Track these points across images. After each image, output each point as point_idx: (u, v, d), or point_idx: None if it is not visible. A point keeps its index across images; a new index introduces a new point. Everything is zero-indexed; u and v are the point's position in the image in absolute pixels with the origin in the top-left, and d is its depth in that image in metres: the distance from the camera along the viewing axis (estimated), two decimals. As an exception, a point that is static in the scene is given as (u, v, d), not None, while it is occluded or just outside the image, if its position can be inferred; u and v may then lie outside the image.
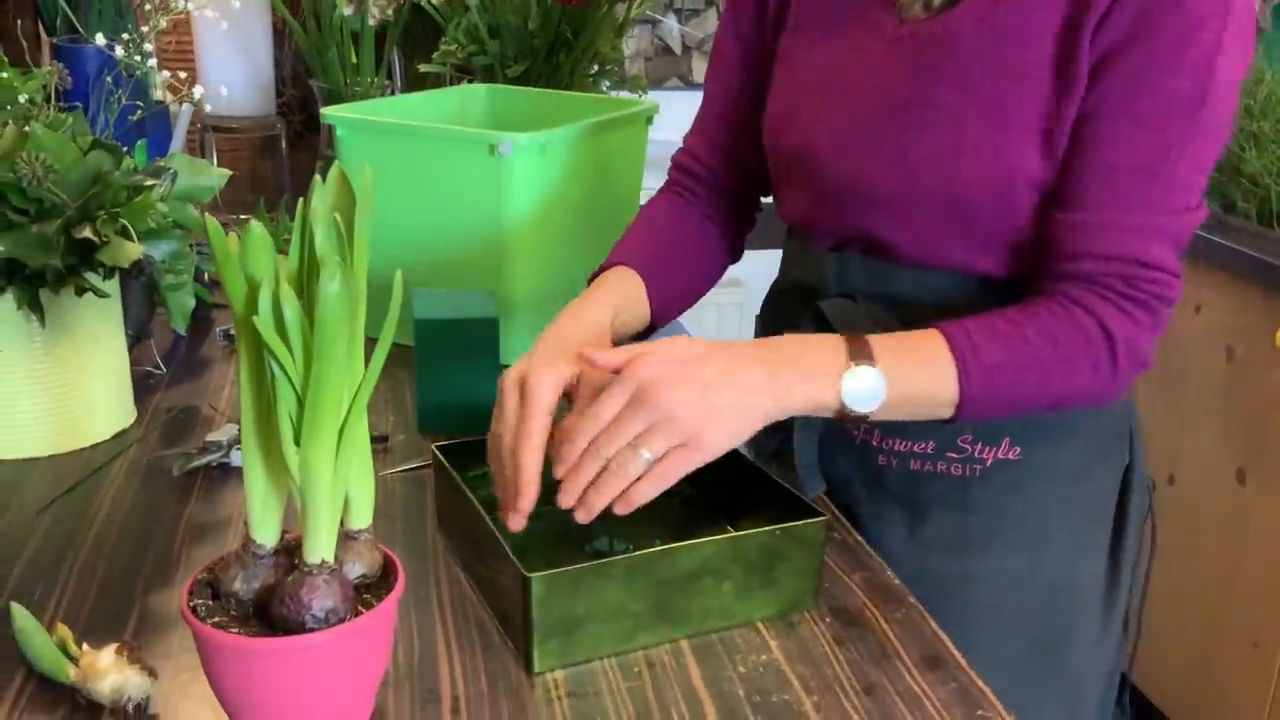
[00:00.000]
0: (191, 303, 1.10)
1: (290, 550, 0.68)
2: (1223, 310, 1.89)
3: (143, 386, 1.17)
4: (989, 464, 0.97)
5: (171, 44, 1.73)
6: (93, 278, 0.97)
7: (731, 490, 0.92)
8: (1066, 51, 0.84)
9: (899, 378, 0.82)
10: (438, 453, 0.89)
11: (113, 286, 1.03)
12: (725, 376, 0.79)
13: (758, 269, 1.52)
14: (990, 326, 0.85)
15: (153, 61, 1.20)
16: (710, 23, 2.92)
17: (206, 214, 0.62)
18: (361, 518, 0.69)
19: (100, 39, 1.18)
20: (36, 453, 1.02)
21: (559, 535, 0.91)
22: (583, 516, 0.78)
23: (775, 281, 1.13)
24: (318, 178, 0.63)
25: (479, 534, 0.80)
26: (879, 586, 0.86)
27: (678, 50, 2.91)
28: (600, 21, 1.56)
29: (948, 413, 0.85)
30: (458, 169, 1.20)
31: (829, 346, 0.82)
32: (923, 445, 0.98)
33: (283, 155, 1.84)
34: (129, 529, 0.91)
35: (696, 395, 0.77)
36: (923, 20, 0.90)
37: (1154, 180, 0.83)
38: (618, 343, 0.94)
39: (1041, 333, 0.84)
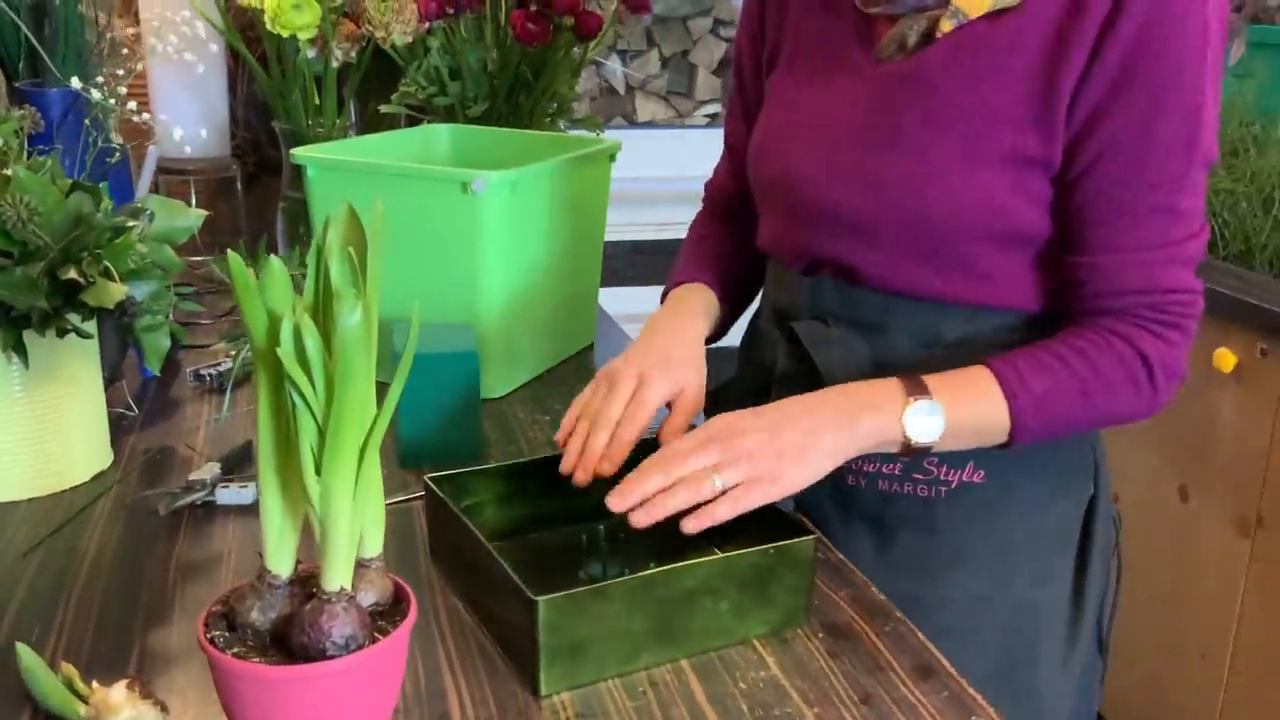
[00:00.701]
0: (167, 344, 1.11)
1: (303, 581, 0.69)
2: (1159, 333, 1.97)
3: (116, 428, 1.16)
4: (954, 486, 1.00)
5: (126, 86, 1.73)
6: (74, 319, 0.97)
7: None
8: (1040, 97, 0.89)
9: (955, 411, 0.89)
10: (431, 484, 0.90)
11: (90, 328, 1.03)
12: (794, 420, 0.87)
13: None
14: (1034, 359, 0.92)
15: (132, 104, 1.21)
16: (652, 64, 2.98)
17: (230, 249, 0.63)
18: (373, 546, 0.70)
19: (76, 82, 1.18)
20: (16, 496, 1.01)
21: (552, 563, 0.93)
22: (642, 519, 0.83)
23: (755, 311, 1.19)
24: (344, 208, 0.65)
25: (481, 561, 0.82)
26: (865, 602, 0.89)
27: (621, 90, 2.96)
28: (559, 62, 1.59)
29: (1003, 439, 0.92)
30: (431, 207, 1.21)
31: (888, 386, 0.90)
32: (891, 466, 1.01)
33: (239, 198, 1.84)
34: (120, 568, 0.91)
35: (768, 436, 0.85)
36: (898, 61, 0.95)
37: (1164, 217, 0.89)
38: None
39: (1083, 361, 0.91)
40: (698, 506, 0.83)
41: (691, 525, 0.83)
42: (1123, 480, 2.08)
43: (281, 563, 0.68)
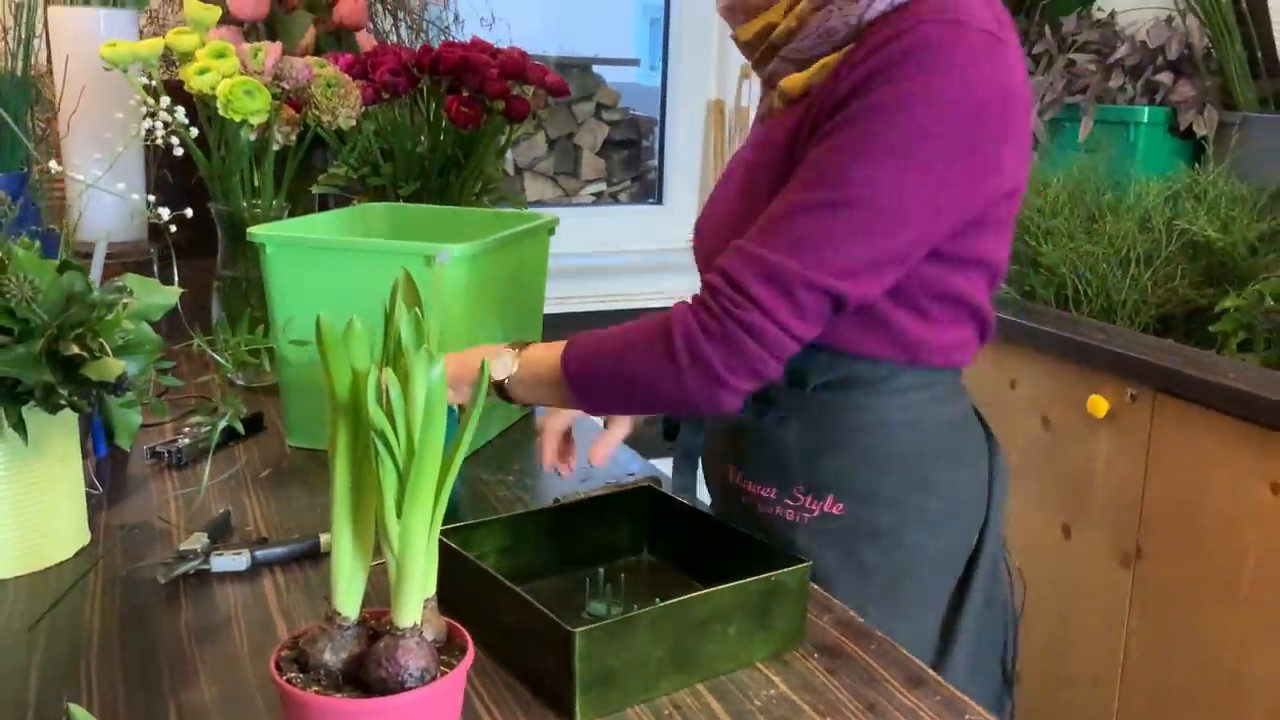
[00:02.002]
0: (138, 420, 1.12)
1: (362, 621, 0.74)
2: (1035, 384, 2.14)
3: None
4: (816, 515, 1.09)
5: (44, 170, 1.73)
6: (68, 394, 0.99)
7: (689, 552, 1.04)
8: (790, 155, 1.01)
9: (527, 363, 1.07)
10: (443, 538, 0.95)
11: (85, 404, 1.05)
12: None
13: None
14: (610, 329, 1.04)
15: (122, 186, 1.23)
16: (538, 146, 3.08)
17: (320, 314, 0.68)
18: (430, 587, 0.75)
19: (55, 165, 1.20)
20: (5, 574, 1.02)
21: (556, 606, 0.99)
22: None
23: None
24: (402, 275, 0.71)
25: (506, 603, 0.87)
26: (848, 625, 0.98)
27: (512, 171, 3.05)
28: (488, 144, 1.67)
29: (564, 389, 1.04)
30: (392, 281, 1.26)
31: (503, 345, 1.10)
32: (769, 490, 1.11)
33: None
34: (131, 636, 0.93)
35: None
36: (764, 127, 1.10)
37: (774, 226, 0.95)
38: None
39: (635, 324, 1.02)
40: None
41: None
42: (1008, 522, 2.23)
43: (350, 605, 0.72)
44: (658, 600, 0.87)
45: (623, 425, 1.21)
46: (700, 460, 1.24)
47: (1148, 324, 2.13)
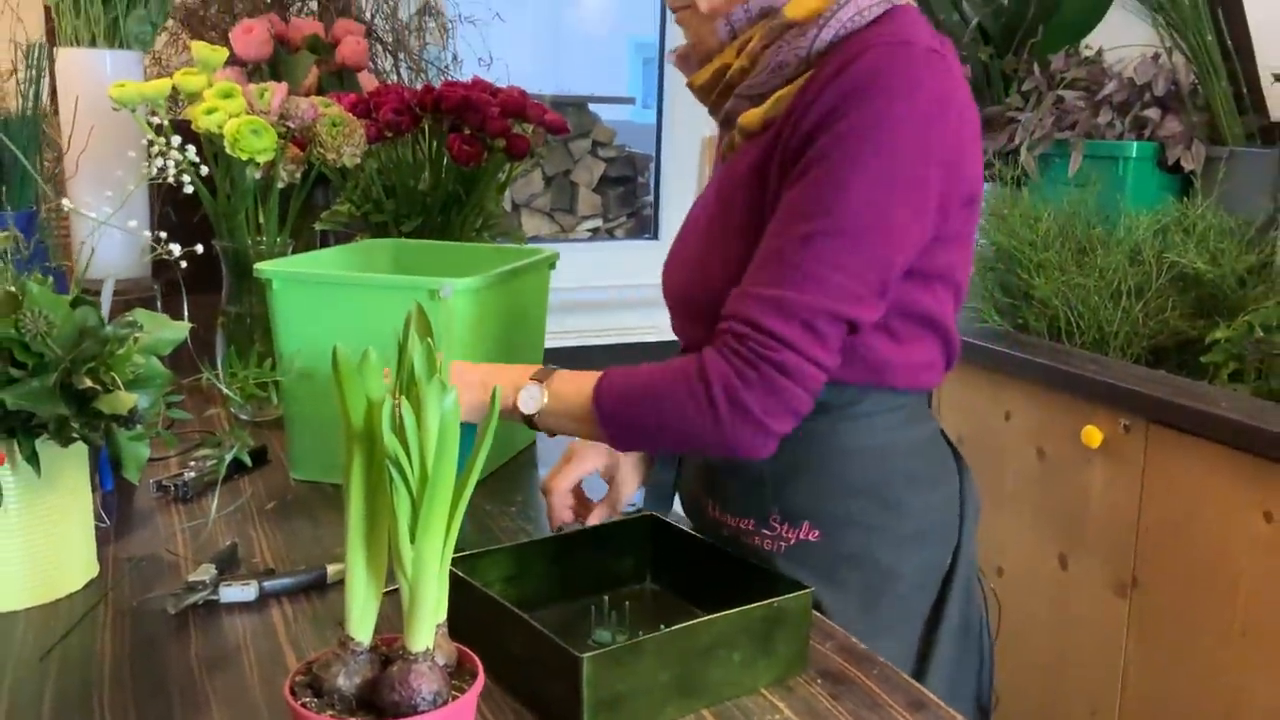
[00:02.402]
0: (146, 453, 1.14)
1: (374, 647, 0.75)
2: (1030, 415, 2.16)
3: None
4: (792, 543, 1.12)
5: (52, 208, 1.75)
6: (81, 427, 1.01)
7: (691, 580, 1.06)
8: (761, 182, 1.04)
9: (555, 396, 1.08)
10: (451, 568, 0.96)
11: (98, 437, 1.06)
12: (465, 374, 1.10)
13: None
14: (639, 367, 1.05)
15: (134, 223, 1.25)
16: (535, 183, 3.12)
17: (336, 345, 0.70)
18: (440, 613, 0.76)
19: (67, 203, 1.22)
20: (18, 605, 1.03)
21: (561, 634, 1.00)
22: None
23: None
24: (414, 308, 0.73)
25: (513, 631, 0.88)
26: (851, 651, 0.99)
27: (509, 208, 3.08)
28: (488, 180, 1.69)
29: (593, 426, 1.06)
30: (398, 315, 1.28)
31: (524, 371, 1.10)
32: (746, 521, 1.14)
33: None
34: (141, 667, 0.94)
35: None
36: (724, 167, 1.15)
37: (775, 261, 0.98)
38: None
39: (666, 371, 1.03)
40: None
41: None
42: (1004, 552, 2.25)
43: (364, 631, 0.73)
44: (662, 627, 0.89)
45: (630, 488, 1.23)
46: (680, 499, 1.27)
47: (1140, 355, 2.15)
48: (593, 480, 1.23)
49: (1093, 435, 1.99)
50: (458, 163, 1.61)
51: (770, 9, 1.05)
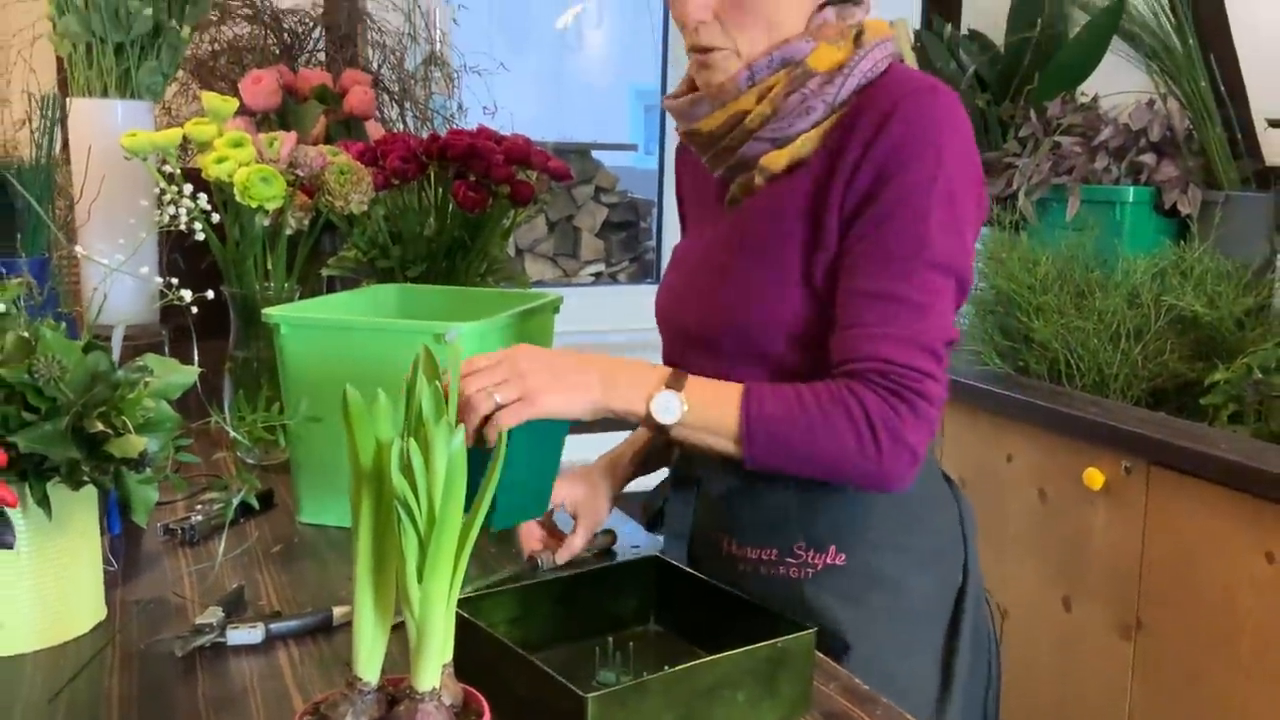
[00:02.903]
0: (155, 497, 1.15)
1: (381, 687, 0.76)
2: (1031, 457, 2.17)
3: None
4: (819, 569, 1.16)
5: (63, 255, 1.78)
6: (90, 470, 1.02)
7: (695, 621, 1.07)
8: (819, 224, 1.10)
9: (696, 407, 1.06)
10: (467, 614, 0.97)
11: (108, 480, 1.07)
12: (571, 365, 1.06)
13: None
14: (778, 389, 1.07)
15: (145, 270, 1.27)
16: (539, 227, 3.15)
17: (348, 386, 0.72)
18: (447, 652, 0.77)
19: (80, 249, 1.25)
20: (26, 648, 1.03)
21: (566, 674, 1.00)
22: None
23: None
24: (422, 351, 0.75)
25: (518, 671, 0.89)
26: (854, 691, 1.00)
27: (513, 252, 3.11)
28: (493, 226, 1.72)
29: (736, 448, 1.06)
30: (404, 359, 1.30)
31: (655, 371, 1.08)
32: (769, 551, 1.17)
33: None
34: (150, 709, 0.95)
35: (544, 365, 1.02)
36: (731, 212, 1.18)
37: (893, 302, 1.06)
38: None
39: (816, 400, 1.06)
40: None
41: (491, 433, 1.00)
42: (1008, 594, 2.24)
43: (371, 670, 0.74)
44: (666, 668, 0.89)
45: (603, 515, 1.29)
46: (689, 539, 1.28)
47: (1140, 397, 2.17)
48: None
49: (1094, 477, 2.00)
50: (463, 209, 1.63)
51: (792, 59, 1.11)
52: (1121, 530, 1.97)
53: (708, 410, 1.06)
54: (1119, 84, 2.56)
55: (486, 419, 1.01)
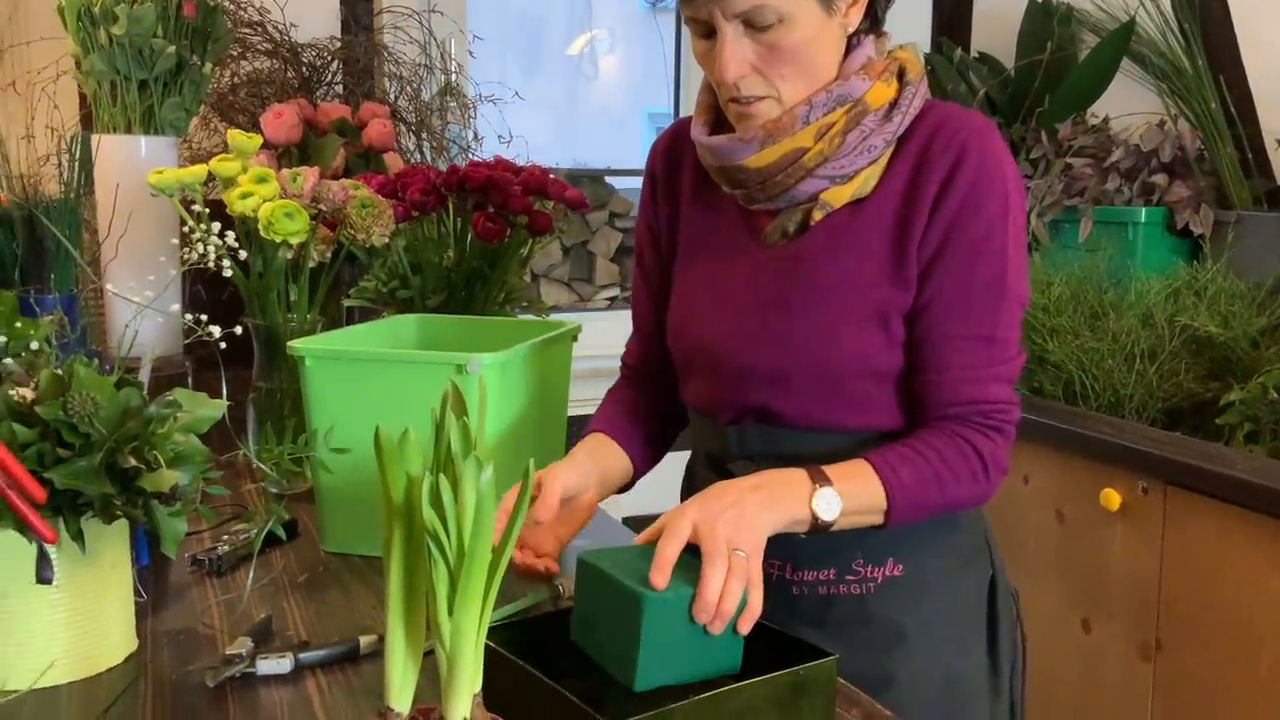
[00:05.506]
0: (184, 529, 1.17)
1: (412, 718, 0.78)
2: (1048, 479, 2.17)
3: (131, 613, 1.21)
4: (879, 581, 1.19)
5: (92, 291, 1.81)
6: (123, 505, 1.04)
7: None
8: (894, 260, 1.13)
9: (848, 495, 1.08)
10: (493, 644, 0.98)
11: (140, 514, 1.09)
12: (742, 510, 1.02)
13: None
14: (899, 452, 1.12)
15: (175, 307, 1.30)
16: (554, 252, 3.18)
17: (378, 426, 0.74)
18: (477, 682, 0.79)
19: (111, 287, 1.27)
20: (60, 680, 1.05)
21: (592, 702, 1.02)
22: (719, 626, 0.96)
23: (690, 456, 1.36)
24: (449, 387, 0.77)
25: (545, 699, 0.90)
26: (876, 718, 1.01)
27: (528, 278, 3.14)
28: (511, 256, 1.74)
29: (881, 519, 1.11)
30: (426, 390, 1.32)
31: (793, 475, 1.08)
32: (827, 572, 1.19)
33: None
34: (183, 738, 0.96)
35: (732, 526, 1.00)
36: (782, 245, 1.18)
37: (983, 344, 1.13)
38: (604, 485, 1.25)
39: (938, 455, 1.12)
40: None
41: (749, 625, 0.97)
42: (1027, 616, 2.23)
43: (403, 701, 0.76)
44: (690, 695, 0.91)
45: (593, 505, 1.23)
46: None
47: (1155, 418, 2.17)
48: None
49: (1111, 498, 2.00)
50: (482, 240, 1.66)
51: (849, 97, 1.12)
52: (1139, 551, 1.98)
53: (859, 500, 1.10)
54: (1129, 105, 2.58)
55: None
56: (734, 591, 0.96)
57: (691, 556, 0.98)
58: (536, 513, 1.12)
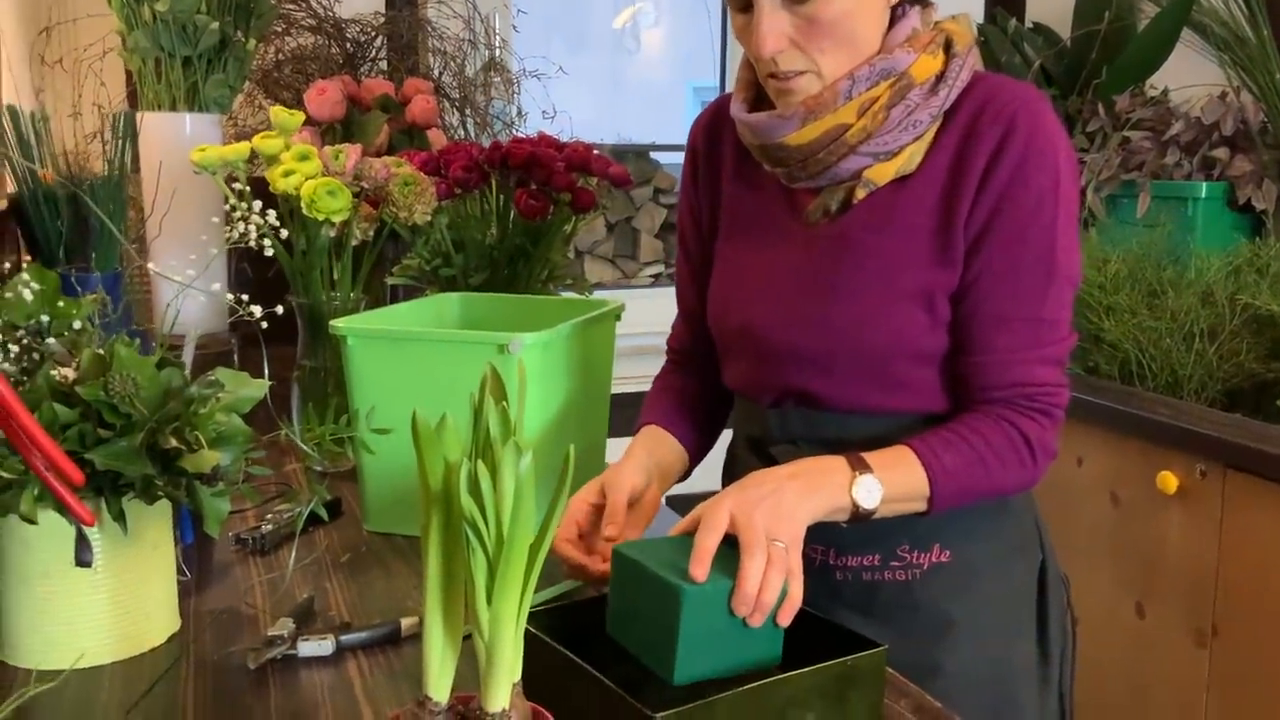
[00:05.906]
0: (227, 508, 1.16)
1: (451, 706, 0.76)
2: (1103, 461, 2.12)
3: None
4: (925, 568, 1.17)
5: (136, 270, 1.81)
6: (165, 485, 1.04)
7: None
8: (940, 238, 1.10)
9: (889, 482, 1.06)
10: (533, 629, 0.97)
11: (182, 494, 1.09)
12: (781, 500, 1.00)
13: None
14: (944, 439, 1.09)
15: (217, 286, 1.30)
16: (598, 230, 3.15)
17: (415, 411, 0.72)
18: (516, 671, 0.77)
19: (152, 266, 1.27)
20: (104, 660, 1.06)
21: (627, 691, 1.00)
22: (758, 619, 0.93)
23: (731, 439, 1.34)
24: (488, 369, 0.75)
25: (587, 688, 0.89)
26: (928, 710, 0.98)
27: (572, 255, 3.12)
28: (554, 233, 1.72)
29: (924, 506, 1.09)
30: (468, 369, 1.31)
31: (831, 462, 1.06)
32: (871, 558, 1.17)
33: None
34: (224, 719, 0.96)
35: (770, 517, 0.98)
36: (824, 224, 1.15)
37: (1031, 325, 1.10)
38: (665, 479, 1.24)
39: (982, 439, 1.09)
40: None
41: (789, 617, 0.95)
42: (1080, 600, 2.19)
43: (442, 690, 0.75)
44: (734, 687, 0.89)
45: (656, 506, 1.22)
46: None
47: (1214, 399, 2.11)
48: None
49: (1168, 481, 1.95)
50: (525, 217, 1.64)
51: (894, 71, 1.09)
52: (1196, 535, 1.93)
53: (902, 488, 1.07)
54: (1189, 77, 2.50)
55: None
56: (773, 583, 0.94)
57: (729, 548, 0.96)
58: (606, 530, 1.13)
